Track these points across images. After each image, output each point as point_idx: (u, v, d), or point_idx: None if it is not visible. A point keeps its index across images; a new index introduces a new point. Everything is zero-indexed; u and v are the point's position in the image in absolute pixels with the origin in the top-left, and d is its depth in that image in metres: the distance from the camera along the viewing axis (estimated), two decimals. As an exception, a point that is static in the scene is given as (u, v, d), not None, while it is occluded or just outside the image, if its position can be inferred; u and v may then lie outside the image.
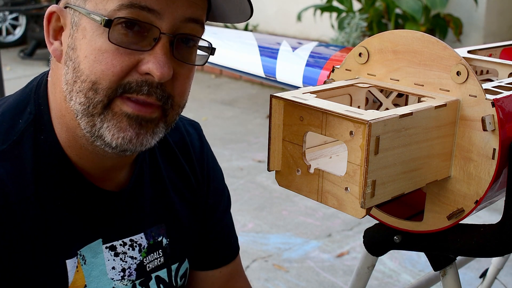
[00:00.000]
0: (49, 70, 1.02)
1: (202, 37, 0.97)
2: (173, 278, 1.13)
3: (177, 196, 1.14)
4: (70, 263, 0.97)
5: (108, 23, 0.88)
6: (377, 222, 1.12)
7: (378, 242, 1.17)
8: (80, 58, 0.90)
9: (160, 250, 1.10)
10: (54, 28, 0.95)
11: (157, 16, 0.89)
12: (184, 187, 1.16)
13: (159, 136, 0.95)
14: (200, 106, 5.55)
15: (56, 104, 0.97)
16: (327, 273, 2.87)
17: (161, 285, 1.10)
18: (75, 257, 0.98)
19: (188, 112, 1.37)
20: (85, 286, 0.99)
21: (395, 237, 1.10)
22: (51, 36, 0.96)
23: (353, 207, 0.87)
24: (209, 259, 1.23)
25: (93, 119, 0.91)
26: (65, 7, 0.94)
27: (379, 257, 1.25)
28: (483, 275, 2.02)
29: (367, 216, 0.89)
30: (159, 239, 1.10)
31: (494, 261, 1.94)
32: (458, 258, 1.17)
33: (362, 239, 1.21)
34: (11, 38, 7.99)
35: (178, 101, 0.95)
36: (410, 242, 1.09)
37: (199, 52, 0.98)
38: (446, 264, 1.12)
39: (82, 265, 0.98)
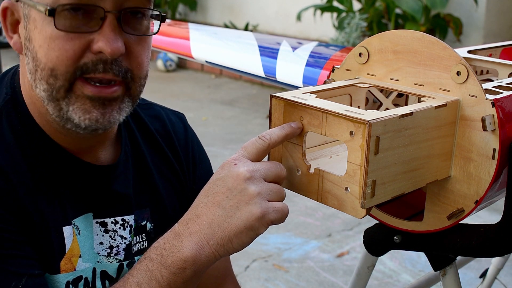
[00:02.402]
0: None
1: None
2: None
3: (162, 183, 1.16)
4: (67, 230, 1.00)
5: (51, 12, 0.90)
6: (377, 222, 1.12)
7: (378, 242, 1.17)
8: (36, 48, 0.94)
9: (144, 234, 1.12)
10: (10, 23, 0.99)
11: None
12: (170, 173, 1.18)
13: (126, 111, 0.99)
14: (200, 106, 5.55)
15: (26, 92, 1.01)
16: (327, 273, 2.87)
17: None
18: (71, 226, 1.01)
19: (188, 112, 1.37)
20: (80, 256, 1.02)
21: (395, 237, 1.10)
22: (9, 30, 0.99)
23: (353, 207, 0.87)
24: None
25: (59, 103, 0.95)
26: (17, 1, 0.96)
27: (379, 257, 1.25)
28: (483, 275, 2.02)
29: (367, 216, 0.89)
30: (143, 223, 1.12)
31: (494, 261, 1.94)
32: (458, 258, 1.17)
33: (362, 239, 1.21)
34: (11, 38, 7.98)
35: (138, 73, 0.98)
36: (410, 242, 1.09)
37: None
38: (446, 264, 1.12)
39: (76, 235, 1.01)
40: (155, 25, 1.01)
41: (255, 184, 0.86)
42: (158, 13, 1.00)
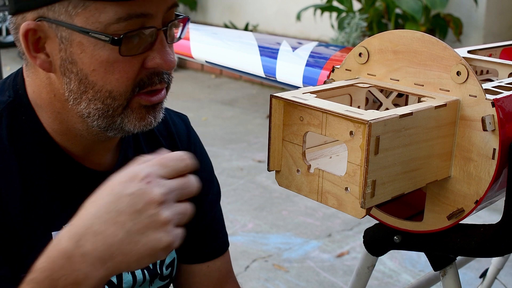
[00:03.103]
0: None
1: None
2: (157, 266, 1.13)
3: None
4: (56, 236, 0.98)
5: (117, 42, 0.89)
6: (377, 222, 1.12)
7: (378, 242, 1.17)
8: (86, 71, 0.92)
9: None
10: (32, 42, 0.95)
11: (150, 16, 0.92)
12: None
13: (164, 109, 1.02)
14: (200, 106, 5.55)
15: (37, 97, 1.00)
16: (327, 273, 2.87)
17: (145, 271, 1.11)
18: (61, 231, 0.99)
19: (188, 112, 1.37)
20: None
21: (395, 237, 1.10)
22: (32, 50, 0.95)
23: (353, 207, 0.87)
24: (196, 252, 1.23)
25: (113, 119, 0.96)
26: (39, 20, 0.92)
27: (379, 257, 1.25)
28: (483, 275, 2.02)
29: (367, 216, 0.89)
30: None
31: (494, 261, 1.94)
32: (458, 258, 1.17)
33: (362, 239, 1.21)
34: (11, 38, 7.99)
35: (171, 74, 1.01)
36: (410, 242, 1.09)
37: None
38: (446, 264, 1.13)
39: None
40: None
41: (168, 209, 0.76)
42: (184, 16, 1.02)
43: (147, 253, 0.76)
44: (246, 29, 6.47)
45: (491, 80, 1.22)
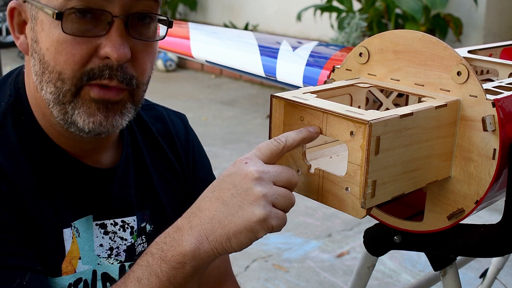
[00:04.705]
0: None
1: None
2: None
3: (161, 184, 1.16)
4: (67, 233, 1.00)
5: (59, 16, 0.90)
6: (377, 222, 1.12)
7: (378, 242, 1.17)
8: (43, 51, 0.93)
9: (144, 236, 1.12)
10: (17, 23, 0.98)
11: (109, 0, 0.91)
12: (169, 175, 1.17)
13: (128, 116, 0.98)
14: (200, 106, 5.55)
15: (30, 93, 1.01)
16: (327, 273, 2.87)
17: None
18: (70, 228, 1.01)
19: (188, 112, 1.37)
20: (80, 258, 1.02)
21: (395, 237, 1.10)
22: (16, 31, 0.99)
23: (353, 207, 0.87)
24: None
25: (65, 107, 0.95)
26: (24, 1, 0.96)
27: (379, 257, 1.25)
28: (483, 275, 2.02)
29: (367, 216, 0.89)
30: (142, 225, 1.12)
31: (494, 261, 1.94)
32: (458, 258, 1.17)
33: (362, 239, 1.21)
34: (11, 38, 7.98)
35: (141, 79, 0.98)
36: (410, 242, 1.09)
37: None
38: (446, 264, 1.12)
39: (76, 237, 1.02)
40: (161, 30, 1.00)
41: (262, 185, 0.83)
42: (165, 18, 0.99)
43: (243, 225, 0.83)
44: (246, 29, 6.47)
45: (492, 80, 1.22)
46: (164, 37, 1.00)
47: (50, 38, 0.92)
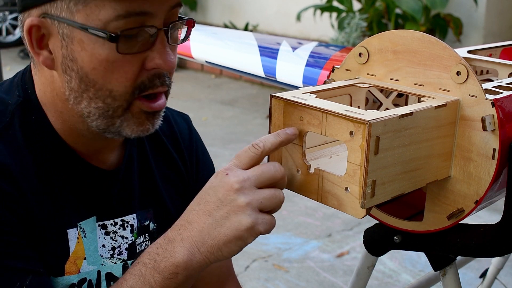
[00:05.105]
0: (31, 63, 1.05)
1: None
2: None
3: (164, 184, 1.16)
4: (71, 233, 1.01)
5: (114, 39, 0.90)
6: (377, 222, 1.12)
7: (378, 242, 1.17)
8: (86, 69, 0.93)
9: (147, 234, 1.13)
10: (36, 39, 0.96)
11: (150, 15, 0.92)
12: (173, 175, 1.18)
13: (163, 115, 1.02)
14: (200, 106, 5.55)
15: (44, 96, 1.01)
16: (327, 273, 2.87)
17: None
18: (76, 228, 1.01)
19: (188, 112, 1.37)
20: (85, 258, 1.03)
21: (395, 237, 1.10)
22: (35, 47, 0.96)
23: (353, 207, 0.87)
24: None
25: (113, 120, 0.96)
26: (43, 17, 0.93)
27: (379, 257, 1.25)
28: (483, 275, 2.02)
29: (367, 216, 0.89)
30: (146, 223, 1.13)
31: (494, 261, 1.94)
32: (458, 258, 1.17)
33: (362, 239, 1.21)
34: (11, 38, 7.99)
35: (172, 78, 1.01)
36: (410, 242, 1.09)
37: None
38: (446, 264, 1.13)
39: (82, 237, 1.03)
40: (182, 30, 1.03)
41: (245, 194, 0.86)
42: (192, 19, 1.02)
43: (232, 235, 0.85)
44: (246, 29, 6.47)
45: (491, 80, 1.22)
46: (188, 37, 1.03)
47: (96, 58, 0.91)
